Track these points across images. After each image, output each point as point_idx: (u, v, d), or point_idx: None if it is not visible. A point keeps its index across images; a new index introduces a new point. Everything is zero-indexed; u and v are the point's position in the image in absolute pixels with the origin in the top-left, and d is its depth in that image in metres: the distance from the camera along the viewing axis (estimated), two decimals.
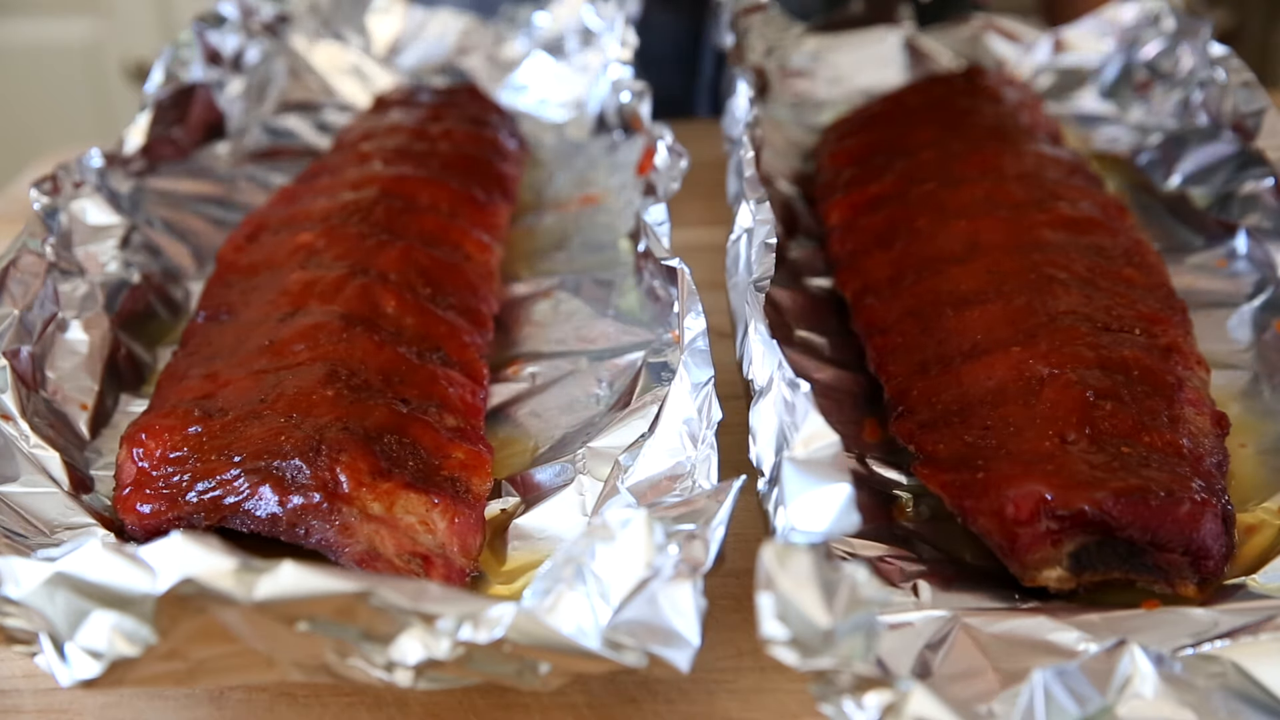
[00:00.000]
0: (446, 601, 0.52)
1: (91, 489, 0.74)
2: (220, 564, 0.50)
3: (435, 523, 0.67)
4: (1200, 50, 1.03)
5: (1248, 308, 0.84)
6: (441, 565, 0.65)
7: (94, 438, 0.78)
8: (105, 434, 0.79)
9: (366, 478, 0.66)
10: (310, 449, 0.67)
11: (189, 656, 0.52)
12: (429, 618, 0.52)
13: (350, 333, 0.77)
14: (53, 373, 0.79)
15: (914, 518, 0.70)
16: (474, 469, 0.71)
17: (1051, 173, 0.92)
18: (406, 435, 0.70)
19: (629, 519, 0.55)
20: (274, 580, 0.50)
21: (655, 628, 0.52)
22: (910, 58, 1.23)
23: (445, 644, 0.52)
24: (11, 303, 0.78)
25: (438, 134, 1.06)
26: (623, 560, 0.54)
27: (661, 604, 0.52)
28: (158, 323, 0.91)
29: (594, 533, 0.56)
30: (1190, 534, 0.62)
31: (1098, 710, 0.53)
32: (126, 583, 0.50)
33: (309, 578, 0.50)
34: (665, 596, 0.52)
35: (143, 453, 0.71)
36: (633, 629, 0.52)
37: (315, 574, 0.50)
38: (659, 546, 0.54)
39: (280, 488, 0.65)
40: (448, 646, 0.52)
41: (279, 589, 0.50)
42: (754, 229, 0.76)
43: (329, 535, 0.65)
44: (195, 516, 0.67)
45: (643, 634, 0.52)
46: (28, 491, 0.70)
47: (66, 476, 0.72)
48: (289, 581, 0.50)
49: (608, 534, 0.55)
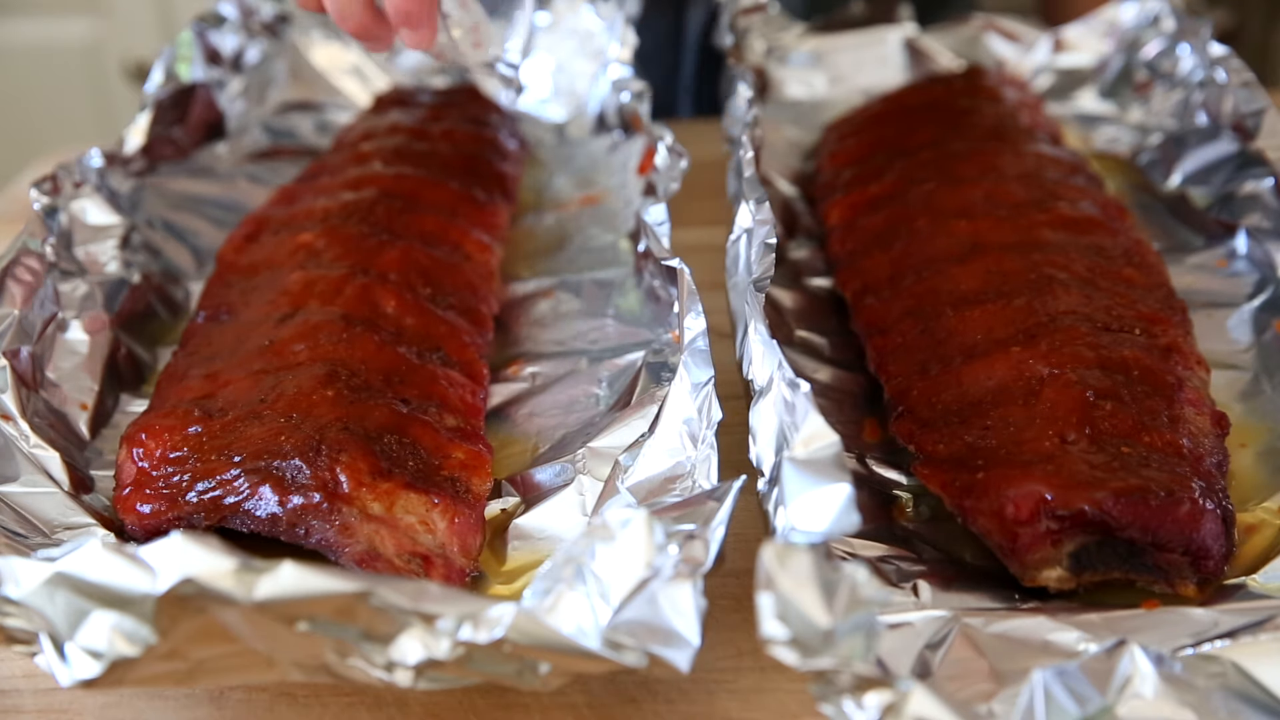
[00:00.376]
0: (446, 601, 0.52)
1: (91, 489, 0.74)
2: (220, 564, 0.50)
3: (435, 523, 0.67)
4: (1200, 50, 1.03)
5: (1248, 308, 0.83)
6: (441, 565, 0.65)
7: (94, 438, 0.78)
8: (105, 434, 0.79)
9: (366, 478, 0.66)
10: (310, 449, 0.67)
11: (189, 656, 0.52)
12: (429, 618, 0.52)
13: (350, 333, 0.77)
14: (53, 373, 0.79)
15: (914, 518, 0.70)
16: (474, 469, 0.71)
17: (1051, 173, 0.92)
18: (406, 435, 0.70)
19: (629, 519, 0.55)
20: (274, 580, 0.50)
21: (655, 628, 0.52)
22: (910, 58, 1.23)
23: (445, 644, 0.52)
24: (11, 303, 0.78)
25: (438, 134, 1.06)
26: (623, 560, 0.54)
27: (661, 604, 0.52)
28: (158, 323, 0.91)
29: (594, 533, 0.56)
30: (1190, 534, 0.62)
31: (1098, 710, 0.53)
32: (126, 583, 0.50)
33: (309, 578, 0.50)
34: (665, 596, 0.52)
35: (142, 453, 0.71)
36: (633, 629, 0.52)
37: (315, 574, 0.50)
38: (659, 547, 0.54)
39: (280, 488, 0.65)
40: (448, 646, 0.52)
41: (279, 589, 0.50)
42: (754, 229, 0.76)
43: (329, 535, 0.65)
44: (195, 516, 0.67)
45: (643, 634, 0.52)
46: (28, 491, 0.70)
47: (67, 476, 0.72)
48: (289, 581, 0.50)
49: (608, 534, 0.55)
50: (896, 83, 1.19)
